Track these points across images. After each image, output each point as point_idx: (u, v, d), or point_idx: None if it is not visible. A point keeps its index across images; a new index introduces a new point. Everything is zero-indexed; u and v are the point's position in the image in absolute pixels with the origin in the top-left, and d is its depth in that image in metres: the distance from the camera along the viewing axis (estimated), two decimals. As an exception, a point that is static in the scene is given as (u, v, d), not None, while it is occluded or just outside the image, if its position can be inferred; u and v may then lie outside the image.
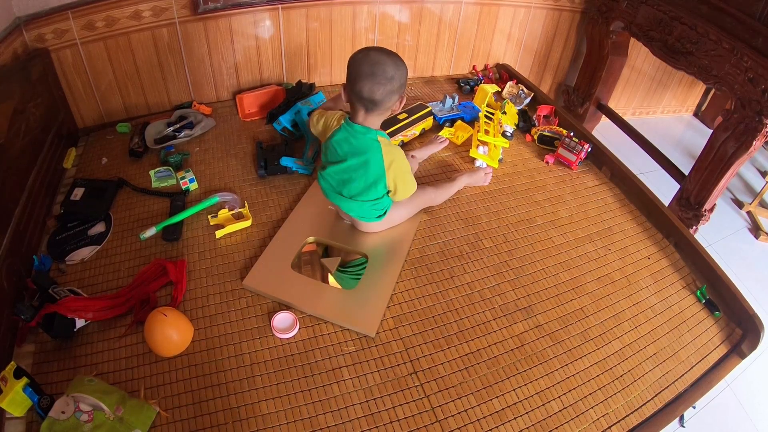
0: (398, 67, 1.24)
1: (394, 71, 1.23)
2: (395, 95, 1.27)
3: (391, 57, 1.24)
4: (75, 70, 1.83)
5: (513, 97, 2.15)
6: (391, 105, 1.29)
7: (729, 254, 2.44)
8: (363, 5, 2.05)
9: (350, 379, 1.19)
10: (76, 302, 1.22)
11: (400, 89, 1.28)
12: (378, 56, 1.23)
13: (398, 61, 1.25)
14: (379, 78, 1.21)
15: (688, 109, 3.46)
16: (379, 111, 1.29)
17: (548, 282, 1.46)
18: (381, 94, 1.23)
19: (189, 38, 1.92)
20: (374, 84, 1.22)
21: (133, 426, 1.02)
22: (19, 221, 1.41)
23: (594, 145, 1.87)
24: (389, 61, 1.23)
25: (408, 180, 1.39)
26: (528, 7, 2.29)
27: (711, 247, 2.45)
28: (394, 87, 1.25)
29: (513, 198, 1.73)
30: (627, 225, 1.69)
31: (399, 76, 1.25)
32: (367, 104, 1.26)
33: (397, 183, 1.36)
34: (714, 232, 2.49)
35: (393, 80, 1.23)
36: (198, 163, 1.83)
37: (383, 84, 1.22)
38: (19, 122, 1.52)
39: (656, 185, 2.28)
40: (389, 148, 1.33)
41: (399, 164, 1.34)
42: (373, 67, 1.21)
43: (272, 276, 1.38)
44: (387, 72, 1.22)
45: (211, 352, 1.22)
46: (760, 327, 1.36)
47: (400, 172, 1.35)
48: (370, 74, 1.21)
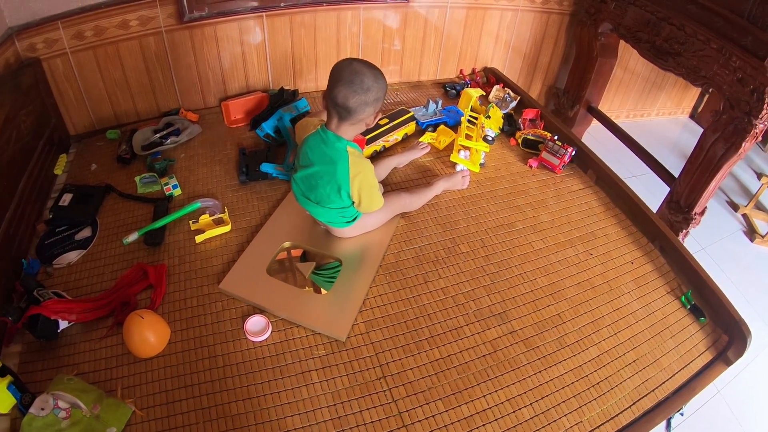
0: (377, 80, 1.26)
1: (372, 83, 1.25)
2: (369, 107, 1.28)
3: (372, 70, 1.26)
4: (66, 79, 1.88)
5: (499, 101, 2.14)
6: (365, 117, 1.30)
7: (723, 257, 2.40)
8: (347, 11, 2.07)
9: (319, 383, 1.20)
10: (59, 304, 1.25)
11: (375, 103, 1.29)
12: (359, 66, 1.25)
13: (378, 75, 1.27)
14: (356, 86, 1.23)
15: (683, 111, 3.42)
16: (352, 121, 1.30)
17: (525, 287, 1.44)
18: (354, 103, 1.25)
19: (175, 46, 1.96)
20: (349, 91, 1.23)
21: (109, 424, 1.05)
22: (9, 225, 1.46)
23: (579, 149, 1.86)
24: (369, 73, 1.25)
25: (373, 195, 1.40)
26: (515, 10, 2.29)
27: (704, 250, 2.42)
28: (369, 99, 1.26)
29: (493, 202, 1.72)
30: (611, 229, 1.67)
31: (376, 89, 1.26)
32: (341, 111, 1.27)
33: (361, 196, 1.36)
34: (708, 234, 2.45)
35: (369, 91, 1.25)
36: (183, 169, 1.86)
37: (358, 93, 1.24)
38: (10, 130, 1.57)
39: (649, 188, 2.27)
40: (357, 160, 1.33)
41: (364, 178, 1.34)
42: (351, 75, 1.24)
43: (247, 280, 1.40)
44: (364, 82, 1.24)
45: (186, 353, 1.25)
46: (747, 333, 1.33)
47: (365, 186, 1.35)
48: (348, 81, 1.23)
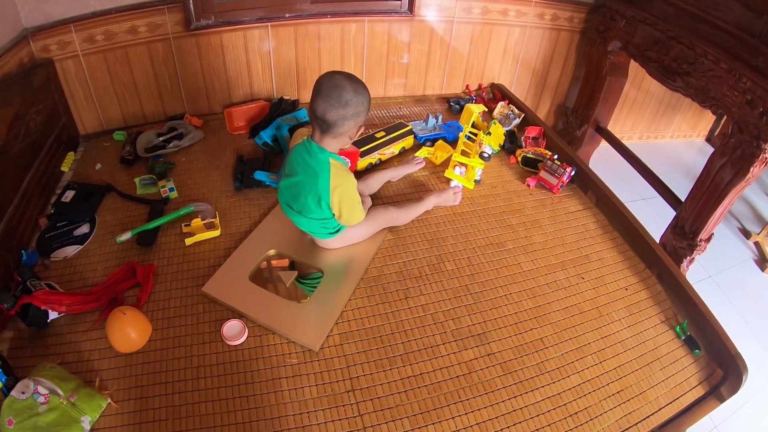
0: (356, 94, 1.26)
1: (352, 97, 1.25)
2: (349, 121, 1.28)
3: (353, 84, 1.27)
4: (77, 80, 1.97)
5: (502, 118, 2.13)
6: (346, 131, 1.31)
7: (731, 286, 2.31)
8: (351, 23, 2.10)
9: (288, 391, 1.21)
10: (50, 296, 1.32)
11: (356, 117, 1.29)
12: (340, 80, 1.26)
13: (359, 89, 1.27)
14: (333, 101, 1.24)
15: (699, 133, 3.32)
16: (333, 134, 1.30)
17: (508, 309, 1.42)
18: (333, 117, 1.26)
19: (182, 53, 2.03)
20: (327, 105, 1.25)
21: (84, 412, 1.10)
22: (12, 218, 1.53)
23: (580, 169, 1.83)
24: (349, 87, 1.25)
25: (354, 208, 1.40)
26: (524, 27, 2.28)
27: (712, 278, 2.33)
28: (348, 113, 1.26)
29: (485, 220, 1.70)
30: (607, 253, 1.63)
31: (356, 104, 1.26)
32: (321, 124, 1.29)
33: (341, 208, 1.37)
34: (717, 262, 2.36)
35: (347, 106, 1.25)
36: (182, 173, 1.91)
37: (336, 107, 1.25)
38: (19, 127, 1.66)
39: (658, 211, 2.21)
40: (339, 172, 1.34)
41: (345, 190, 1.35)
42: (330, 89, 1.25)
43: (229, 285, 1.43)
44: (343, 96, 1.24)
45: (164, 351, 1.29)
46: (743, 369, 1.27)
47: (345, 198, 1.36)
48: (326, 95, 1.25)
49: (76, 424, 1.08)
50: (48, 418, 1.06)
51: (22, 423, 1.04)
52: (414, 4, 2.10)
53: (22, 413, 1.05)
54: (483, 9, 2.18)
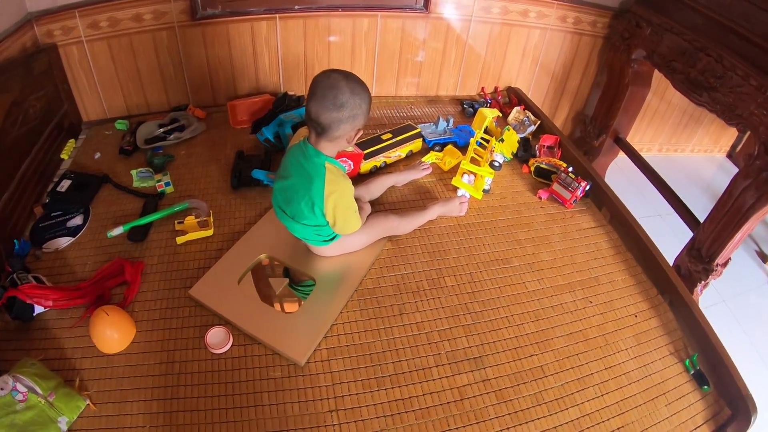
0: (353, 96, 1.19)
1: (347, 99, 1.18)
2: (345, 125, 1.22)
3: (350, 84, 1.20)
4: (81, 66, 1.95)
5: (517, 124, 2.05)
6: (342, 134, 1.24)
7: (745, 312, 2.21)
8: (363, 18, 2.04)
9: (269, 406, 1.16)
10: (36, 290, 1.30)
11: (352, 120, 1.22)
12: (336, 80, 1.19)
13: (356, 90, 1.20)
14: (328, 103, 1.18)
15: (721, 149, 3.20)
16: (329, 137, 1.24)
17: (509, 332, 1.35)
18: (327, 119, 1.20)
19: (187, 42, 1.99)
20: (321, 107, 1.19)
21: (62, 413, 1.09)
22: (6, 206, 1.52)
23: (595, 183, 1.75)
24: (346, 88, 1.18)
25: (349, 217, 1.34)
26: (544, 29, 2.20)
27: (725, 302, 2.24)
28: (343, 116, 1.20)
29: (491, 234, 1.64)
30: (618, 276, 1.55)
31: (352, 106, 1.20)
32: (315, 127, 1.23)
33: (336, 216, 1.31)
34: (731, 285, 2.25)
35: (343, 108, 1.19)
36: (180, 166, 1.87)
37: (330, 110, 1.18)
38: (17, 114, 1.64)
39: (674, 229, 2.13)
40: (335, 178, 1.28)
41: (340, 197, 1.29)
42: (325, 90, 1.18)
43: (217, 290, 1.39)
44: (338, 98, 1.18)
45: (147, 355, 1.26)
46: (752, 410, 1.20)
47: (340, 206, 1.30)
48: (321, 96, 1.18)
49: (53, 425, 1.07)
50: (25, 416, 1.05)
51: None
52: (430, 1, 2.03)
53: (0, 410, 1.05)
54: (502, 9, 2.11)
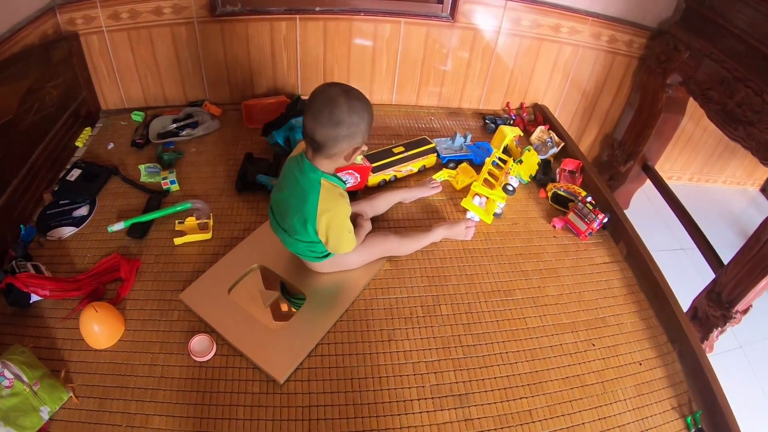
0: (351, 113, 1.16)
1: (344, 116, 1.16)
2: (341, 143, 1.19)
3: (349, 101, 1.17)
4: (101, 56, 2.01)
5: (540, 145, 1.99)
6: (338, 152, 1.22)
7: (763, 362, 2.09)
8: (386, 23, 2.02)
9: (242, 420, 1.18)
10: (32, 279, 1.36)
11: (349, 138, 1.20)
12: (334, 95, 1.16)
13: (354, 107, 1.17)
14: (323, 119, 1.16)
15: (755, 182, 3.04)
16: (326, 154, 1.22)
17: (501, 370, 1.31)
18: (322, 137, 1.17)
19: (206, 38, 2.01)
20: (316, 123, 1.16)
21: (44, 402, 1.14)
22: (15, 191, 1.59)
23: (615, 216, 1.68)
24: (343, 105, 1.15)
25: (342, 237, 1.31)
26: (576, 45, 2.12)
27: (742, 348, 2.13)
28: (339, 133, 1.17)
29: (497, 262, 1.59)
30: (627, 318, 1.49)
31: (350, 124, 1.17)
32: (311, 143, 1.21)
33: (329, 235, 1.29)
34: (751, 331, 2.13)
35: (339, 126, 1.16)
36: (188, 164, 1.91)
37: (326, 127, 1.16)
38: (32, 101, 1.70)
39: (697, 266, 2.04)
40: (330, 195, 1.26)
41: (334, 217, 1.27)
42: (322, 106, 1.16)
43: (207, 297, 1.41)
44: (334, 115, 1.15)
45: (131, 355, 1.30)
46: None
47: (333, 225, 1.28)
48: (317, 112, 1.16)
49: (35, 413, 1.12)
50: (9, 402, 1.10)
51: None
52: (456, 10, 1.99)
53: None
54: (533, 22, 2.05)
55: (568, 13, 2.01)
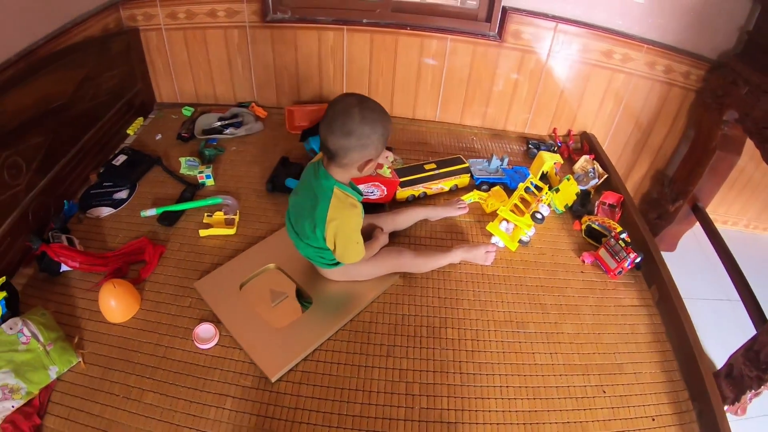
0: (363, 125, 1.18)
1: (356, 127, 1.18)
2: (353, 153, 1.22)
3: (362, 112, 1.19)
4: (158, 51, 2.18)
5: (582, 174, 1.92)
6: (350, 162, 1.24)
7: None
8: (432, 39, 2.04)
9: (229, 411, 1.23)
10: (63, 250, 1.51)
11: (361, 149, 1.22)
12: (349, 105, 1.19)
13: (367, 119, 1.19)
14: (335, 128, 1.18)
15: None
16: (338, 163, 1.25)
17: (496, 404, 1.26)
18: (333, 145, 1.20)
19: (256, 42, 2.13)
20: (329, 132, 1.20)
21: (54, 362, 1.26)
22: (63, 169, 1.77)
23: (650, 257, 1.59)
24: (356, 116, 1.18)
25: (349, 247, 1.34)
26: (629, 74, 2.04)
27: None
28: (350, 144, 1.19)
29: (514, 291, 1.55)
30: (647, 367, 1.39)
31: (361, 135, 1.19)
32: (325, 151, 1.25)
33: (336, 243, 1.32)
34: None
35: (350, 136, 1.18)
36: (227, 161, 2.02)
37: (338, 137, 1.19)
38: (88, 88, 1.88)
39: (739, 320, 1.88)
40: (340, 204, 1.28)
41: (342, 226, 1.29)
42: (336, 115, 1.19)
43: (219, 289, 1.49)
44: (346, 126, 1.18)
45: (140, 332, 1.40)
46: None
47: (341, 235, 1.30)
48: (330, 120, 1.19)
49: (44, 371, 1.24)
50: (23, 357, 1.22)
51: (1, 354, 1.22)
52: (505, 29, 1.98)
53: (4, 345, 1.23)
54: (584, 46, 2.00)
55: (622, 38, 1.95)
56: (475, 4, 2.08)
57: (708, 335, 1.92)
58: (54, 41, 1.72)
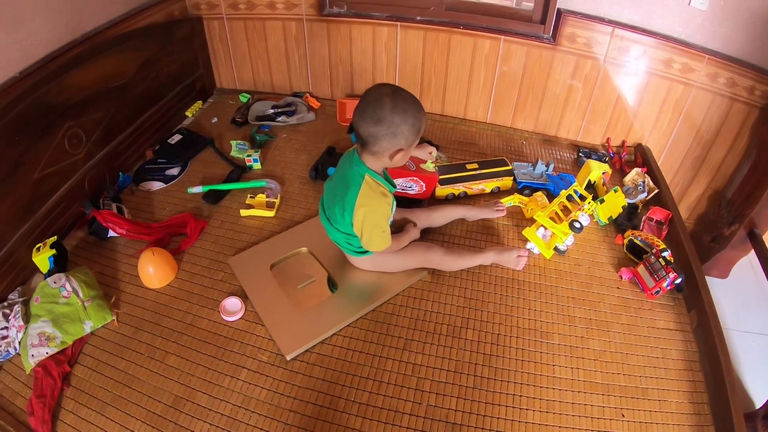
0: (394, 114, 1.19)
1: (386, 115, 1.19)
2: (382, 141, 1.22)
3: (394, 101, 1.20)
4: (220, 39, 2.29)
5: (631, 187, 1.82)
6: (381, 150, 1.25)
7: None
8: (485, 39, 2.00)
9: (243, 382, 1.28)
10: (111, 216, 1.64)
11: (391, 138, 1.22)
12: (382, 95, 1.21)
13: (399, 109, 1.20)
14: (366, 116, 1.20)
15: None
16: (369, 151, 1.27)
17: (507, 413, 1.23)
18: (364, 132, 1.22)
19: (313, 35, 2.18)
20: (360, 119, 1.22)
21: (90, 318, 1.37)
22: (120, 144, 1.91)
23: (692, 279, 1.49)
24: (388, 104, 1.19)
25: (374, 235, 1.35)
26: (689, 85, 1.89)
27: None
28: (380, 132, 1.20)
29: (543, 300, 1.50)
30: (674, 396, 1.29)
31: (390, 123, 1.20)
32: (358, 138, 1.27)
33: (363, 230, 1.34)
34: None
35: (380, 124, 1.20)
36: (276, 148, 2.09)
37: (369, 124, 1.20)
38: (149, 70, 2.01)
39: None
40: (370, 192, 1.30)
41: (369, 213, 1.31)
42: (368, 102, 1.21)
43: (251, 267, 1.56)
44: (377, 113, 1.19)
45: (173, 299, 1.50)
46: None
47: (367, 222, 1.32)
48: (363, 107, 1.22)
49: (80, 324, 1.35)
50: (62, 309, 1.34)
51: (43, 304, 1.35)
52: (559, 32, 1.91)
53: (47, 297, 1.36)
54: (641, 54, 1.88)
55: (683, 47, 1.82)
56: (530, 5, 2.03)
57: (753, 372, 1.79)
58: (119, 25, 1.85)
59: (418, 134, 1.27)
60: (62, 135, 1.62)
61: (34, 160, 1.53)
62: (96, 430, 1.19)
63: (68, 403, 1.24)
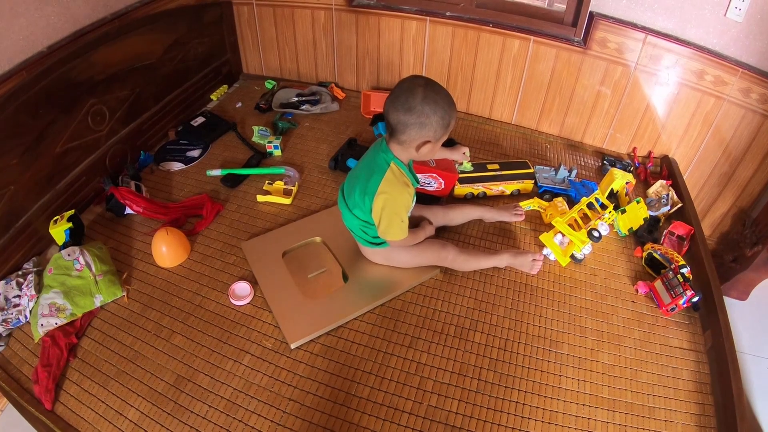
0: (425, 104, 1.19)
1: (417, 104, 1.19)
2: (411, 130, 1.22)
3: (426, 91, 1.20)
4: (248, 25, 2.28)
5: (654, 199, 1.75)
6: (408, 140, 1.25)
7: None
8: (514, 39, 1.94)
9: (245, 366, 1.28)
10: (128, 194, 1.65)
11: (420, 128, 1.21)
12: (415, 85, 1.21)
13: (429, 100, 1.20)
14: (399, 103, 1.21)
15: None
16: (397, 139, 1.26)
17: (508, 420, 1.19)
18: (394, 120, 1.22)
19: (341, 25, 2.15)
20: (392, 106, 1.22)
21: (101, 292, 1.38)
22: (144, 123, 1.92)
23: (710, 299, 1.43)
24: (420, 94, 1.19)
25: (393, 222, 1.33)
26: (720, 98, 1.81)
27: None
28: (410, 120, 1.20)
29: (555, 308, 1.45)
30: (681, 418, 1.24)
31: (420, 113, 1.19)
32: (387, 125, 1.27)
33: (382, 217, 1.32)
34: None
35: (410, 113, 1.20)
36: (297, 136, 2.07)
37: (399, 111, 1.21)
38: (176, 51, 2.00)
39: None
40: (394, 180, 1.29)
41: (389, 200, 1.29)
42: (400, 91, 1.22)
43: (263, 252, 1.56)
44: (409, 102, 1.19)
45: (184, 280, 1.50)
46: None
47: (387, 209, 1.30)
48: (395, 96, 1.22)
49: (90, 297, 1.36)
50: (74, 281, 1.36)
51: (56, 276, 1.36)
52: (590, 36, 1.85)
53: (60, 269, 1.37)
54: (674, 63, 1.80)
55: (717, 59, 1.74)
56: (562, 7, 1.97)
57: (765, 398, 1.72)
58: (149, 5, 1.86)
59: (446, 129, 1.26)
60: (86, 111, 1.63)
61: (57, 133, 1.54)
62: (97, 402, 1.19)
63: (73, 374, 1.25)
